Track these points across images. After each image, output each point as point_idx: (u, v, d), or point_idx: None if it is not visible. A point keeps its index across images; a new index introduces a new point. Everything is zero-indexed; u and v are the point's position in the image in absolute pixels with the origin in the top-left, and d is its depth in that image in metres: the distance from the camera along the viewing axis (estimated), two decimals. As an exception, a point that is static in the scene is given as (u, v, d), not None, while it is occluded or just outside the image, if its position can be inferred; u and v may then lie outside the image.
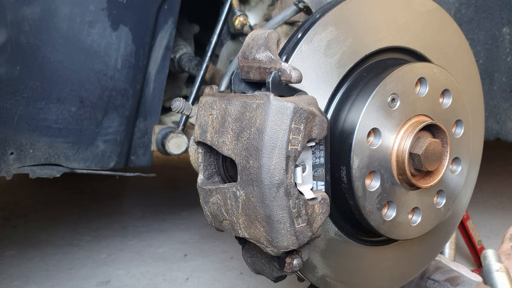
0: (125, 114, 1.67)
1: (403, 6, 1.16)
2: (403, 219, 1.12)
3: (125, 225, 2.69)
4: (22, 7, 1.46)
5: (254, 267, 1.04)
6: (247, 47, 0.97)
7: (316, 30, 1.04)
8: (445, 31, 1.24)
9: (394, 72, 1.06)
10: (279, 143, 0.85)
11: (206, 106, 0.98)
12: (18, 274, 2.08)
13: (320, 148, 0.95)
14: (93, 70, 1.59)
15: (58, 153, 1.62)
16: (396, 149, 1.07)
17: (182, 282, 2.04)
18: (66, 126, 1.60)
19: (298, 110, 0.86)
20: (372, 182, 1.06)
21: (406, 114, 1.08)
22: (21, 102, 1.53)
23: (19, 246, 2.36)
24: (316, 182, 0.96)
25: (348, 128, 1.04)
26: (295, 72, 0.90)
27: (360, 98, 1.05)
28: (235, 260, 2.23)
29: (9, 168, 1.56)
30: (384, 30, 1.13)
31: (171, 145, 1.68)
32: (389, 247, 1.22)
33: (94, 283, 2.02)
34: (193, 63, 1.94)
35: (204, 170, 1.02)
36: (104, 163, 1.69)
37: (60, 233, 2.54)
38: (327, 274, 1.13)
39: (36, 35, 1.50)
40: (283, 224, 0.87)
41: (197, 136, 1.00)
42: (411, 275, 1.32)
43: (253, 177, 0.87)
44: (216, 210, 0.97)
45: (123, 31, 1.59)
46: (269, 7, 1.94)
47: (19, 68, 1.50)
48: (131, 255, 2.31)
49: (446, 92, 1.15)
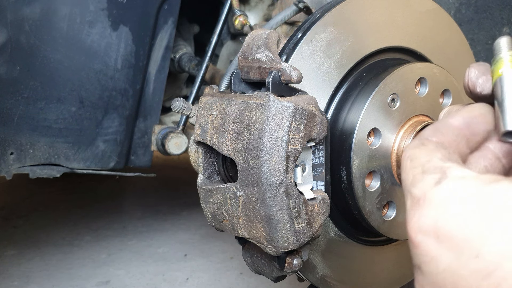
0: (125, 114, 1.67)
1: (403, 6, 1.16)
2: (403, 219, 1.12)
3: (125, 225, 2.69)
4: (22, 7, 1.47)
5: (254, 267, 1.04)
6: (247, 47, 0.97)
7: (316, 30, 1.04)
8: (445, 31, 1.24)
9: (394, 72, 1.06)
10: (279, 143, 0.85)
11: (206, 106, 0.98)
12: (18, 274, 2.08)
13: (320, 148, 0.95)
14: (93, 70, 1.59)
15: (58, 153, 1.62)
16: (396, 149, 1.07)
17: (182, 282, 2.04)
18: (66, 126, 1.60)
19: (298, 110, 0.86)
20: (372, 182, 1.06)
21: (406, 114, 1.08)
22: (21, 102, 1.53)
23: (19, 246, 2.37)
24: (316, 182, 0.96)
25: (348, 128, 1.04)
26: (295, 72, 0.90)
27: (360, 98, 1.05)
28: (235, 260, 2.23)
29: (9, 168, 1.56)
30: (384, 30, 1.13)
31: (171, 145, 1.68)
32: (389, 247, 1.22)
33: (94, 283, 2.02)
34: (193, 63, 1.94)
35: (204, 170, 1.02)
36: (104, 163, 1.69)
37: (60, 233, 2.54)
38: (327, 274, 1.13)
39: (36, 35, 1.50)
40: (283, 224, 0.87)
41: (197, 136, 1.00)
42: (411, 275, 1.32)
43: (253, 177, 0.87)
44: (216, 210, 0.97)
45: (123, 31, 1.59)
46: (269, 7, 1.94)
47: (19, 68, 1.50)
48: (131, 255, 2.31)
49: (446, 92, 1.15)
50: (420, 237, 0.50)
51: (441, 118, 0.64)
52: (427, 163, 0.54)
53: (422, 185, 0.52)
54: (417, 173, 0.54)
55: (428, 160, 0.55)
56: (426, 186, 0.52)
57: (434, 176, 0.52)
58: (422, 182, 0.53)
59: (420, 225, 0.50)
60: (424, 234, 0.49)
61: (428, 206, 0.50)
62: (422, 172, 0.54)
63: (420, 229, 0.50)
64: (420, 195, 0.52)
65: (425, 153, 0.56)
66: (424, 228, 0.50)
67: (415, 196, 0.52)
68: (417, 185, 0.53)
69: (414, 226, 0.51)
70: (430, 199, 0.50)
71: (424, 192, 0.51)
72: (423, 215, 0.50)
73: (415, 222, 0.51)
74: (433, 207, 0.50)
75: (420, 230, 0.50)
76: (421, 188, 0.52)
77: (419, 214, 0.51)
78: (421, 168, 0.54)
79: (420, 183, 0.53)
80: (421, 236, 0.50)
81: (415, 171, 0.55)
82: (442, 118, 0.63)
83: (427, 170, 0.53)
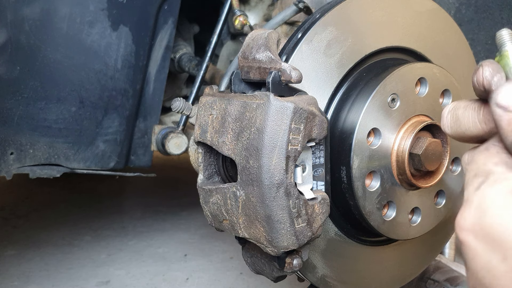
0: (125, 114, 1.67)
1: (403, 6, 1.16)
2: (403, 219, 1.12)
3: (125, 225, 2.69)
4: (22, 7, 1.46)
5: (254, 267, 1.04)
6: (247, 47, 0.97)
7: (316, 30, 1.04)
8: (445, 31, 1.24)
9: (394, 72, 1.06)
10: (279, 143, 0.85)
11: (206, 106, 0.98)
12: (18, 274, 2.08)
13: (320, 148, 0.95)
14: (93, 70, 1.59)
15: (58, 153, 1.62)
16: (396, 149, 1.07)
17: (182, 282, 2.04)
18: (66, 126, 1.60)
19: (298, 110, 0.86)
20: (372, 182, 1.06)
21: (406, 114, 1.08)
22: (21, 102, 1.53)
23: (19, 246, 2.36)
24: (316, 182, 0.96)
25: (348, 128, 1.04)
26: (295, 72, 0.90)
27: (360, 98, 1.05)
28: (235, 260, 2.23)
29: (9, 168, 1.56)
30: (384, 30, 1.13)
31: (171, 145, 1.68)
32: (389, 247, 1.22)
33: (94, 283, 2.02)
34: (193, 63, 1.94)
35: (204, 170, 1.02)
36: (104, 163, 1.69)
37: (60, 233, 2.54)
38: (327, 274, 1.13)
39: (36, 35, 1.50)
40: (283, 224, 0.87)
41: (197, 136, 1.00)
42: (411, 275, 1.32)
43: (253, 177, 0.87)
44: (216, 210, 0.97)
45: (123, 31, 1.59)
46: (269, 7, 1.94)
47: (19, 68, 1.50)
48: (131, 255, 2.31)
49: (446, 92, 1.15)
50: (463, 235, 0.55)
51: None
52: (481, 166, 0.58)
53: (469, 188, 0.57)
54: (470, 176, 0.59)
55: (483, 164, 0.58)
56: (471, 189, 0.57)
57: (479, 179, 0.56)
58: (470, 185, 0.57)
59: (462, 224, 0.55)
60: (467, 233, 0.55)
61: (469, 208, 0.55)
62: (474, 176, 0.58)
63: (463, 227, 0.55)
64: (467, 197, 0.57)
65: (484, 157, 0.59)
66: (466, 227, 0.55)
67: (464, 197, 0.58)
68: (467, 187, 0.58)
69: (458, 224, 0.56)
70: (471, 201, 0.55)
71: (468, 195, 0.57)
72: (464, 216, 0.55)
73: (459, 220, 0.56)
74: (472, 209, 0.55)
75: (463, 228, 0.55)
76: (468, 190, 0.57)
77: (462, 214, 0.56)
78: (474, 171, 0.59)
79: (469, 186, 0.58)
80: (465, 233, 0.55)
81: (470, 174, 0.59)
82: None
83: (477, 174, 0.58)
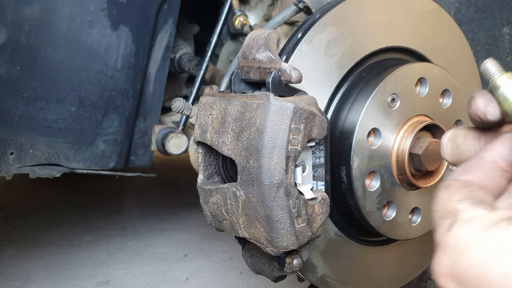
0: (125, 114, 1.67)
1: (403, 6, 1.16)
2: (403, 219, 1.12)
3: (125, 225, 2.69)
4: (22, 7, 1.47)
5: (254, 267, 1.04)
6: (247, 47, 0.97)
7: (316, 30, 1.04)
8: (445, 31, 1.24)
9: (394, 72, 1.06)
10: (279, 143, 0.85)
11: (206, 106, 0.98)
12: (18, 274, 2.08)
13: (320, 148, 0.95)
14: (93, 70, 1.59)
15: (58, 153, 1.62)
16: (396, 149, 1.07)
17: (182, 282, 2.04)
18: (66, 126, 1.60)
19: (298, 110, 0.86)
20: (372, 182, 1.06)
21: (406, 114, 1.08)
22: (21, 102, 1.53)
23: (19, 246, 2.36)
24: (316, 182, 0.96)
25: (348, 128, 1.04)
26: (295, 72, 0.90)
27: (360, 98, 1.05)
28: (235, 260, 2.23)
29: (9, 168, 1.56)
30: (384, 30, 1.13)
31: (171, 145, 1.68)
32: (389, 247, 1.22)
33: (94, 283, 2.02)
34: (193, 63, 1.94)
35: (204, 170, 1.02)
36: (104, 163, 1.69)
37: (60, 233, 2.54)
38: (327, 274, 1.13)
39: (36, 35, 1.50)
40: (283, 224, 0.87)
41: (197, 136, 1.00)
42: (411, 275, 1.32)
43: (253, 177, 0.87)
44: (216, 210, 0.97)
45: (123, 31, 1.59)
46: (269, 7, 1.94)
47: (19, 68, 1.50)
48: (131, 255, 2.31)
49: (446, 92, 1.15)
50: (441, 280, 0.53)
51: (475, 155, 0.63)
52: (445, 206, 0.56)
53: (439, 230, 0.55)
54: (437, 217, 0.57)
55: (446, 203, 0.57)
56: (440, 230, 0.55)
57: (447, 220, 0.54)
58: (439, 227, 0.55)
59: (438, 269, 0.53)
60: (445, 279, 0.53)
61: (444, 252, 0.53)
62: (440, 217, 0.56)
63: (440, 273, 0.53)
64: (438, 241, 0.55)
65: (447, 195, 0.57)
66: (443, 272, 0.53)
67: (436, 240, 0.56)
68: (436, 230, 0.56)
69: (435, 270, 0.54)
70: (444, 245, 0.53)
71: (439, 238, 0.55)
72: (440, 260, 0.53)
73: (435, 266, 0.54)
74: (447, 252, 0.53)
75: (440, 274, 0.53)
76: (438, 233, 0.55)
77: (438, 259, 0.54)
78: (440, 212, 0.57)
79: (438, 228, 0.56)
80: (443, 279, 0.53)
81: (436, 215, 0.57)
82: (475, 155, 0.62)
83: (444, 215, 0.56)
